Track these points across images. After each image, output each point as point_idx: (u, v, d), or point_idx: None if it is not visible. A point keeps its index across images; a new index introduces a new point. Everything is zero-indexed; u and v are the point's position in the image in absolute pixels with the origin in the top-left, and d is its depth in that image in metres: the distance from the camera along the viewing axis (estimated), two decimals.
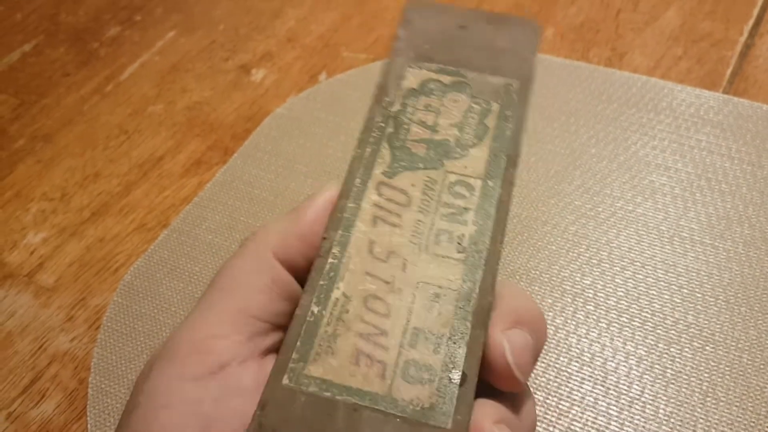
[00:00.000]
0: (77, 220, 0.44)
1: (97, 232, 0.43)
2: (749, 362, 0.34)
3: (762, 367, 0.34)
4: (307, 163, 0.45)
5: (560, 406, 0.34)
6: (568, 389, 0.34)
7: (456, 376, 0.18)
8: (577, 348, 0.36)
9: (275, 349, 0.21)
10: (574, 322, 0.36)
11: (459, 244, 0.21)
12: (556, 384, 0.34)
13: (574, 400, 0.34)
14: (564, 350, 0.35)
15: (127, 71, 0.54)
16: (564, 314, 0.37)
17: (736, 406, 0.33)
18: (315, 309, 0.19)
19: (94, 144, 0.49)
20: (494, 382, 0.20)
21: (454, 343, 0.19)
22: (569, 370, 0.35)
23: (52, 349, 0.38)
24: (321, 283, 0.20)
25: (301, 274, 0.22)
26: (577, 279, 0.38)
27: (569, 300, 0.37)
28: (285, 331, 0.21)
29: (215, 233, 0.42)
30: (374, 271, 0.20)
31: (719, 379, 0.34)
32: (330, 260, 0.20)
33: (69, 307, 0.40)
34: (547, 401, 0.34)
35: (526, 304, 0.21)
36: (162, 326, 0.38)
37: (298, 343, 0.19)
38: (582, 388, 0.34)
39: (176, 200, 0.44)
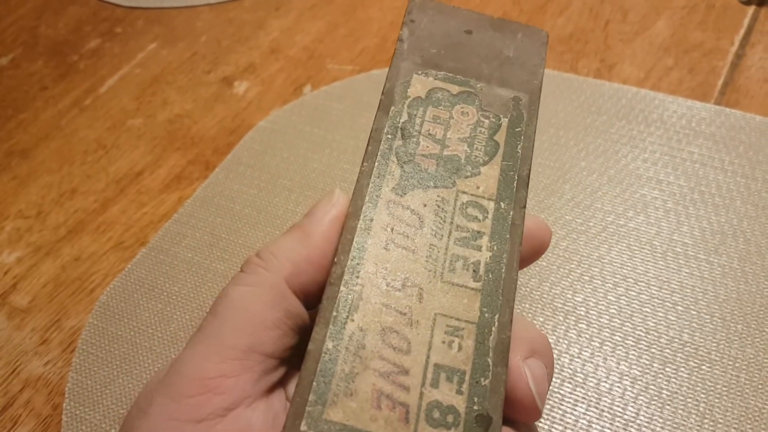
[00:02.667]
0: (53, 238, 0.43)
1: (73, 251, 0.42)
2: (747, 381, 0.33)
3: (760, 386, 0.33)
4: (291, 177, 0.44)
5: (553, 430, 0.32)
6: (560, 412, 0.33)
7: (481, 419, 0.18)
8: (570, 368, 0.34)
9: (281, 383, 0.20)
10: (566, 341, 0.35)
11: (475, 271, 0.20)
12: (548, 406, 0.33)
13: (567, 423, 0.33)
14: (556, 371, 0.34)
15: (107, 84, 0.53)
16: (556, 333, 0.36)
17: (735, 427, 0.32)
18: (330, 344, 0.18)
19: (71, 159, 0.47)
20: (515, 413, 0.19)
21: (477, 381, 0.18)
22: (562, 392, 0.34)
23: (25, 374, 0.37)
24: (334, 314, 0.19)
25: (312, 299, 0.21)
26: (569, 296, 0.37)
27: (561, 318, 0.36)
28: (289, 363, 0.20)
29: (195, 251, 0.40)
30: (389, 302, 0.19)
31: (716, 400, 0.33)
32: (342, 288, 0.19)
33: (43, 329, 0.38)
34: (539, 425, 0.33)
35: (536, 334, 0.20)
36: (140, 349, 0.36)
37: (314, 383, 0.18)
38: (575, 410, 0.33)
39: (155, 217, 0.43)
